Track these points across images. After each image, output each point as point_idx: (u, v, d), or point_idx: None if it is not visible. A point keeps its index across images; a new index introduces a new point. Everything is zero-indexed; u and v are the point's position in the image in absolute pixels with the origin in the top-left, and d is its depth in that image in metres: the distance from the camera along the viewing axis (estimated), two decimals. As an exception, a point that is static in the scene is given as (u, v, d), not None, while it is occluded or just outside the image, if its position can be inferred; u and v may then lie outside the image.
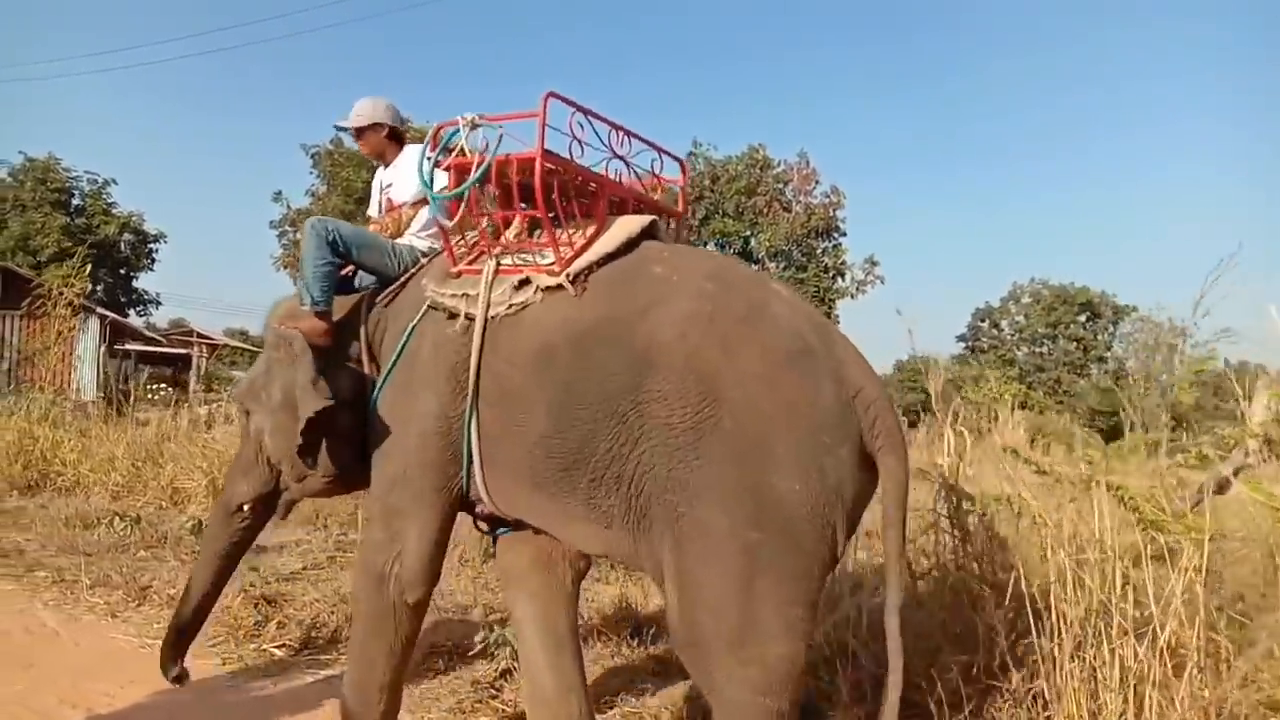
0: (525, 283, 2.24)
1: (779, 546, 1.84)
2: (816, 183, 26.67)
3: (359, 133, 3.03)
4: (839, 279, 26.66)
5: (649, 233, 2.34)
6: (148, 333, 23.45)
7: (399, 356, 2.42)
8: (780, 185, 26.85)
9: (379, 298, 2.64)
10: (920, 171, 69.78)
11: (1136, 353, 36.66)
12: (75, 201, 27.27)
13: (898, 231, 66.40)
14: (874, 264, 26.63)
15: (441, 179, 2.45)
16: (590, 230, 2.30)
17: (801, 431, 1.86)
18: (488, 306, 2.26)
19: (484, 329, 2.24)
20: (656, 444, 1.94)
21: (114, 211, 27.14)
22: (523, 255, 2.33)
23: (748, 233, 26.47)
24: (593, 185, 2.40)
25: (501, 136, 2.24)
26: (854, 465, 1.91)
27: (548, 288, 2.21)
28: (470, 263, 2.41)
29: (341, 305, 2.65)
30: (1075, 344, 38.27)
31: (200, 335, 26.63)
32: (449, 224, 2.40)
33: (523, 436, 2.17)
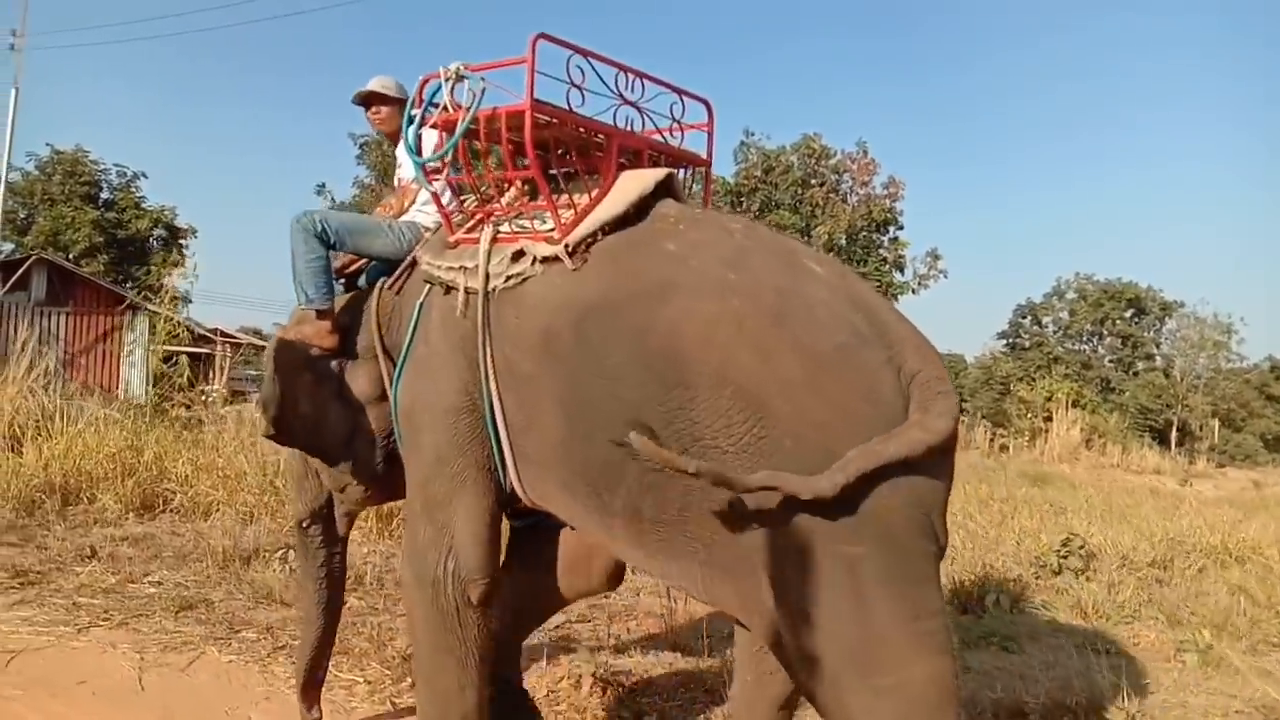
0: (521, 254, 2.03)
1: (884, 557, 1.60)
2: (874, 173, 25.69)
3: (387, 103, 2.80)
4: (898, 273, 25.66)
5: (666, 188, 2.07)
6: (200, 331, 22.43)
7: (412, 338, 2.24)
8: (836, 176, 25.85)
9: (389, 283, 2.43)
10: (950, 163, 68.48)
11: (1184, 351, 36.06)
12: (104, 195, 26.24)
13: (934, 223, 65.11)
14: (936, 257, 25.68)
15: (429, 139, 2.22)
16: (596, 191, 2.03)
17: (867, 433, 1.62)
18: (487, 279, 2.05)
19: (485, 304, 2.05)
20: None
21: (144, 206, 26.09)
22: (521, 221, 2.11)
23: (804, 225, 25.48)
24: (600, 137, 2.11)
25: (485, 89, 2.01)
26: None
27: (545, 259, 1.99)
28: (468, 231, 2.19)
29: (354, 300, 2.51)
30: (1123, 341, 37.41)
31: (224, 334, 25.63)
32: (435, 188, 2.20)
33: (544, 434, 1.98)
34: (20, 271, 15.55)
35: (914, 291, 25.66)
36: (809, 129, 26.93)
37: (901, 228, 26.04)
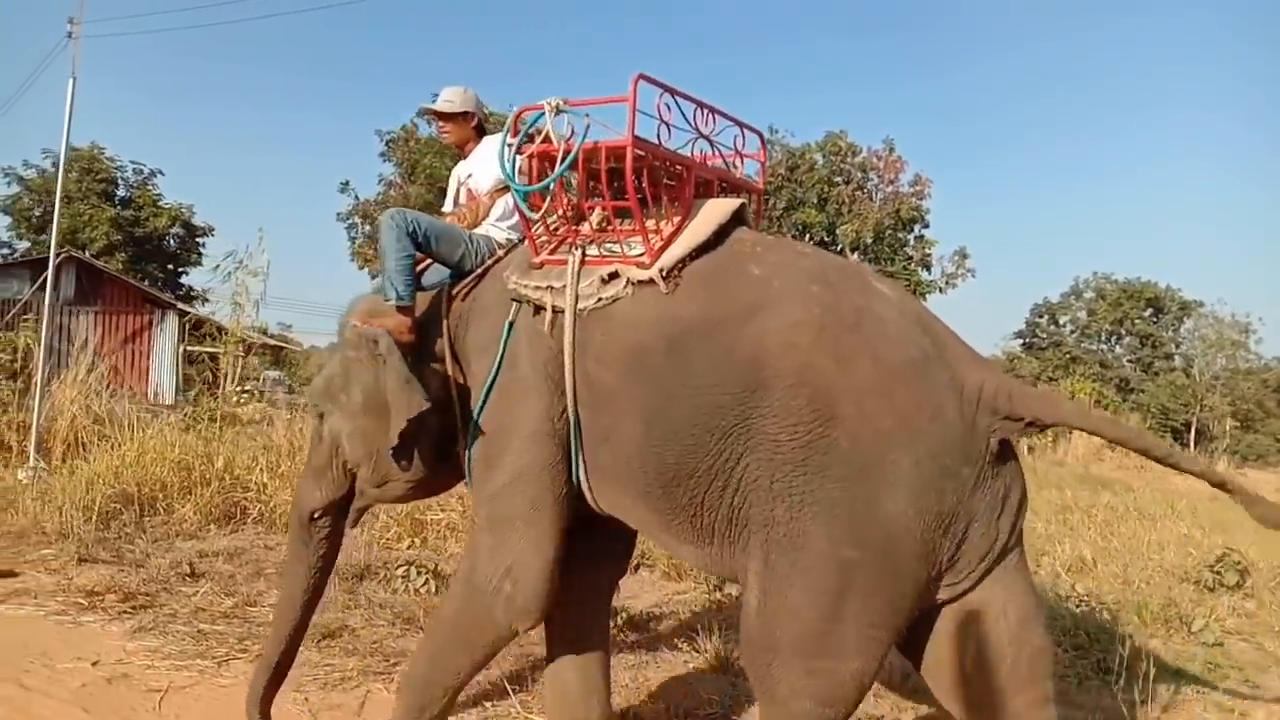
0: (615, 275, 2.14)
1: (877, 569, 1.78)
2: (901, 171, 25.32)
3: (449, 119, 2.91)
4: (925, 272, 25.29)
5: (738, 217, 2.23)
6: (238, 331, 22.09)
7: (503, 356, 2.29)
8: (862, 174, 25.48)
9: (457, 291, 2.52)
10: (955, 163, 67.89)
11: (1203, 351, 35.79)
12: (120, 193, 25.87)
13: (942, 222, 64.41)
14: (964, 256, 25.31)
15: (522, 166, 2.29)
16: (678, 218, 2.18)
17: (922, 452, 1.76)
18: (576, 299, 2.15)
19: (574, 323, 2.14)
20: (762, 458, 1.86)
21: (162, 204, 25.71)
22: (609, 245, 2.22)
23: (830, 223, 25.12)
24: (679, 167, 2.27)
25: (590, 125, 2.14)
26: (976, 484, 1.80)
27: (639, 282, 2.10)
28: (552, 252, 2.29)
29: (419, 301, 2.54)
30: (1142, 341, 37.11)
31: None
32: (533, 215, 2.28)
33: (621, 444, 2.09)
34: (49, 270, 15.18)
35: (941, 291, 25.32)
36: (810, 125, 26.64)
37: (927, 226, 25.72)
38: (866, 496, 1.76)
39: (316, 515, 2.61)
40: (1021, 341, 39.65)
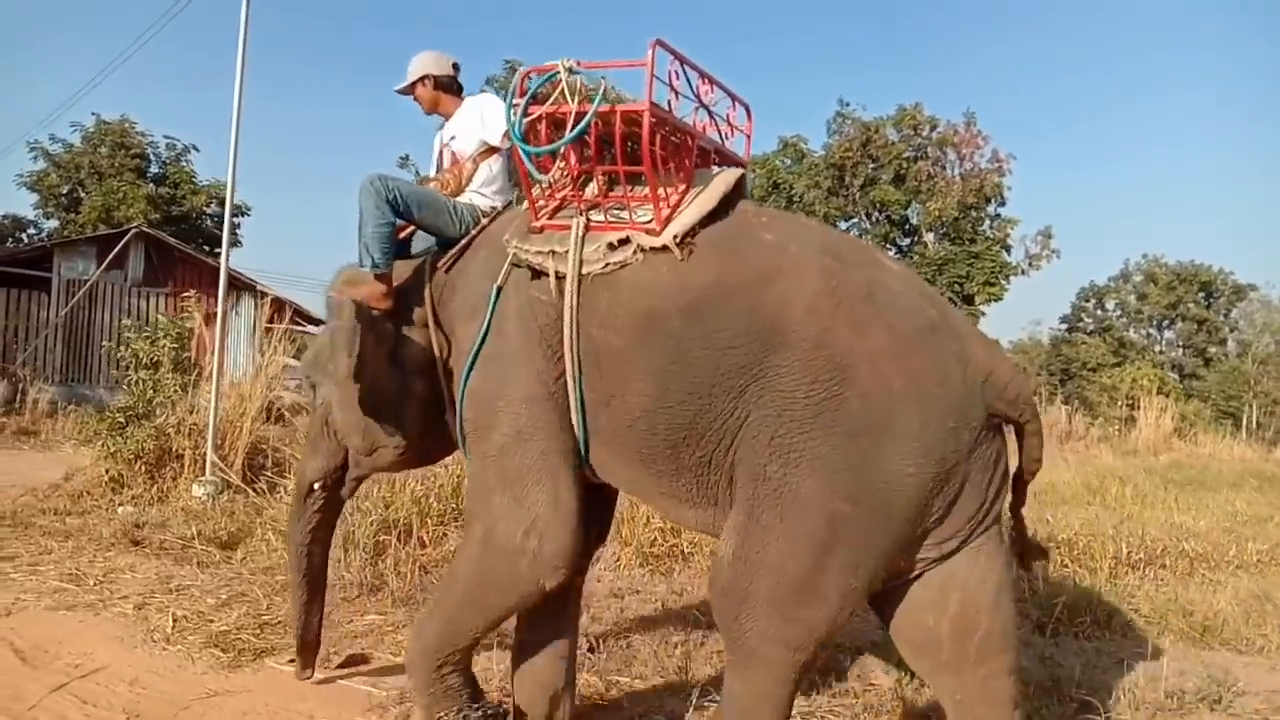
0: (625, 241, 2.13)
1: (868, 524, 1.85)
2: (978, 146, 24.13)
3: (411, 90, 2.89)
4: (1005, 253, 24.18)
5: (739, 188, 2.27)
6: (313, 312, 20.82)
7: (490, 323, 2.30)
8: (940, 151, 24.28)
9: (441, 260, 2.54)
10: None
11: (1259, 335, 35.02)
12: (153, 169, 24.41)
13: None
14: (1049, 236, 24.20)
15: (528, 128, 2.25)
16: (682, 186, 2.20)
17: (929, 414, 1.84)
18: (580, 264, 2.14)
19: (576, 288, 2.14)
20: (769, 414, 1.91)
21: (198, 181, 24.27)
22: (615, 211, 2.21)
23: (907, 201, 23.99)
24: (683, 137, 2.27)
25: (603, 86, 2.13)
26: (973, 447, 1.90)
27: (651, 248, 2.10)
28: (552, 217, 2.27)
29: (402, 269, 2.57)
30: (1197, 326, 36.29)
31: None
32: (543, 178, 2.27)
33: (623, 408, 2.11)
34: (118, 248, 13.89)
35: (1023, 273, 24.27)
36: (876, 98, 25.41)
37: (1004, 204, 24.60)
38: (871, 453, 1.81)
39: (316, 485, 2.71)
40: (1066, 326, 38.75)
